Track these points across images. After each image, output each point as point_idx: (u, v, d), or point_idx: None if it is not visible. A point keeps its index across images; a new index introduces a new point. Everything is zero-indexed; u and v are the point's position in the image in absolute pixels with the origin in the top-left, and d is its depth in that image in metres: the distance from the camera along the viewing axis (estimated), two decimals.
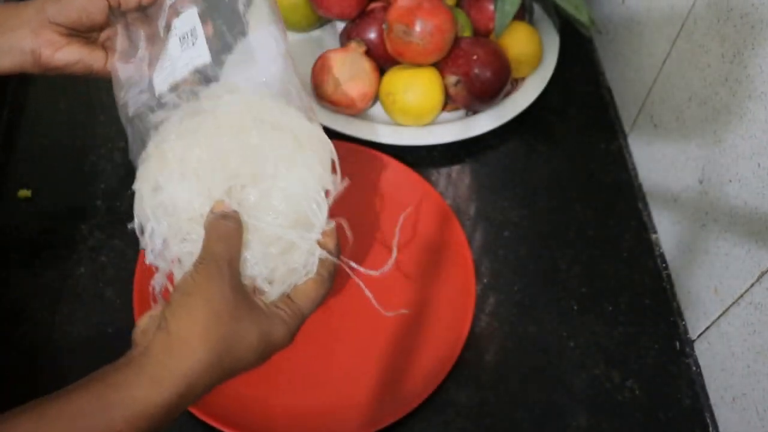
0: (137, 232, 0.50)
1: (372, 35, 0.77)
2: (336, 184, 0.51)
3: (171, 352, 0.42)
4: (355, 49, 0.76)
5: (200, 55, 0.55)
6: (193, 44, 0.56)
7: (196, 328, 0.43)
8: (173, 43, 0.57)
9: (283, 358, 0.61)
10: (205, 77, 0.55)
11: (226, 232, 0.47)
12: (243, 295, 0.46)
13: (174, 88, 0.55)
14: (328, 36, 0.85)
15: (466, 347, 0.62)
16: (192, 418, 0.59)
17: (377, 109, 0.79)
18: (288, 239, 0.48)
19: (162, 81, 0.56)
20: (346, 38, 0.79)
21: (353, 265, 0.52)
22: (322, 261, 0.49)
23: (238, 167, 0.49)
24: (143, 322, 0.46)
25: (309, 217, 0.49)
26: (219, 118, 0.51)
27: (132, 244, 0.69)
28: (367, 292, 0.54)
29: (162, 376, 0.41)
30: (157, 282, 0.50)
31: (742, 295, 0.58)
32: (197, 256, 0.46)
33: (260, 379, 0.60)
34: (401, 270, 0.68)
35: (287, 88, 0.54)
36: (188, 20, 0.56)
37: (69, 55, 0.57)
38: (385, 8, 0.77)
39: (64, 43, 0.56)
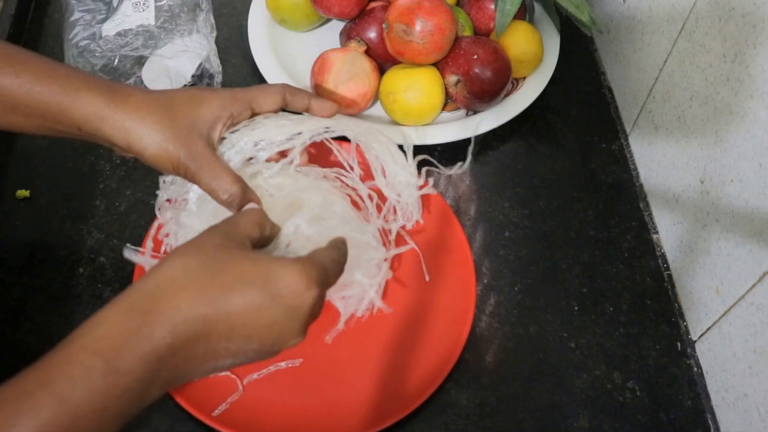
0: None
1: (372, 35, 0.77)
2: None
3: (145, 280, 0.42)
4: (355, 48, 0.76)
5: (147, 18, 0.78)
6: (144, 10, 0.78)
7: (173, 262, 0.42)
8: (127, 5, 0.78)
9: (283, 359, 0.61)
10: (149, 35, 0.76)
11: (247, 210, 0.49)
12: (237, 240, 0.45)
13: (120, 34, 0.76)
14: (328, 36, 0.85)
15: (466, 348, 0.62)
16: (191, 419, 0.58)
17: (377, 109, 0.78)
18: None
19: (110, 29, 0.77)
20: (346, 38, 0.79)
21: None
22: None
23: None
24: None
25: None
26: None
27: (131, 244, 0.68)
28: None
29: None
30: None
31: (743, 296, 0.57)
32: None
33: (260, 378, 0.61)
34: (401, 270, 0.68)
35: None
36: None
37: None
38: (385, 7, 0.77)
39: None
